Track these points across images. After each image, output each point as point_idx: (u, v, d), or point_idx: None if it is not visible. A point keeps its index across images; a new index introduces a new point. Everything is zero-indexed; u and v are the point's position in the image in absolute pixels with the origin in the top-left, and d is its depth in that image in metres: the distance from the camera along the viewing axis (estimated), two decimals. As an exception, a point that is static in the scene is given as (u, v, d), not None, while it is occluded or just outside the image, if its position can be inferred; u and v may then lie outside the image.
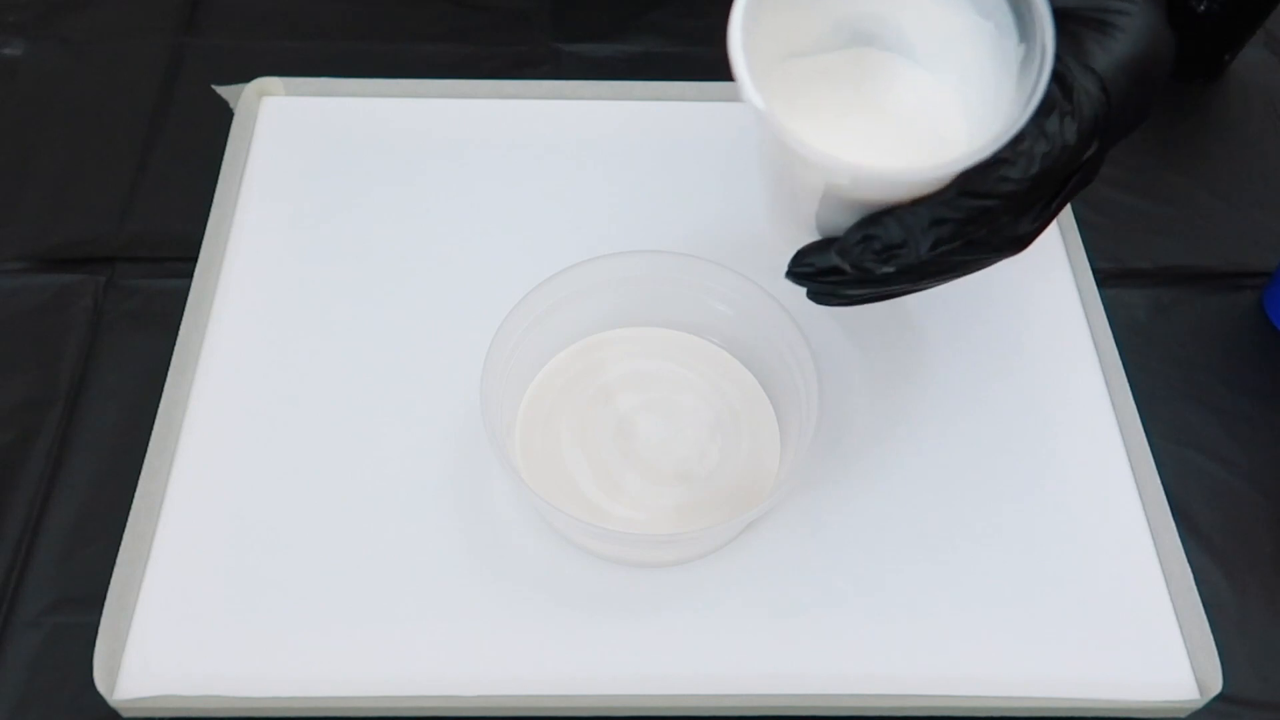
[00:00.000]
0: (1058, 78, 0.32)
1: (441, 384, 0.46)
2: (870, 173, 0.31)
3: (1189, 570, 0.43)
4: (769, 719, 0.40)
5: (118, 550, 0.41)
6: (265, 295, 0.49)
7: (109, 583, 0.40)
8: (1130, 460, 0.46)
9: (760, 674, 0.40)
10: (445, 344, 0.47)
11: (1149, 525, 0.44)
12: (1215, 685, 0.40)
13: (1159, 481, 0.45)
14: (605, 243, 0.45)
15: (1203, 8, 0.56)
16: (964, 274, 0.35)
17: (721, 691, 0.40)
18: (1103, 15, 0.33)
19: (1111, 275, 0.52)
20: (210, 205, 0.50)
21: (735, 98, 0.55)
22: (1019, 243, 0.34)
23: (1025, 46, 0.33)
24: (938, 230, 0.32)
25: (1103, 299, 0.50)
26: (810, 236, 0.36)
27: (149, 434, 0.44)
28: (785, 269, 0.36)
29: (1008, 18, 0.33)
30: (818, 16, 0.36)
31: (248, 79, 0.55)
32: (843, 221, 0.34)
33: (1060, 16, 0.32)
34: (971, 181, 0.32)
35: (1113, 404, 0.47)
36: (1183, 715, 0.41)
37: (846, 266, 0.33)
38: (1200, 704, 0.40)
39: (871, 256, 0.33)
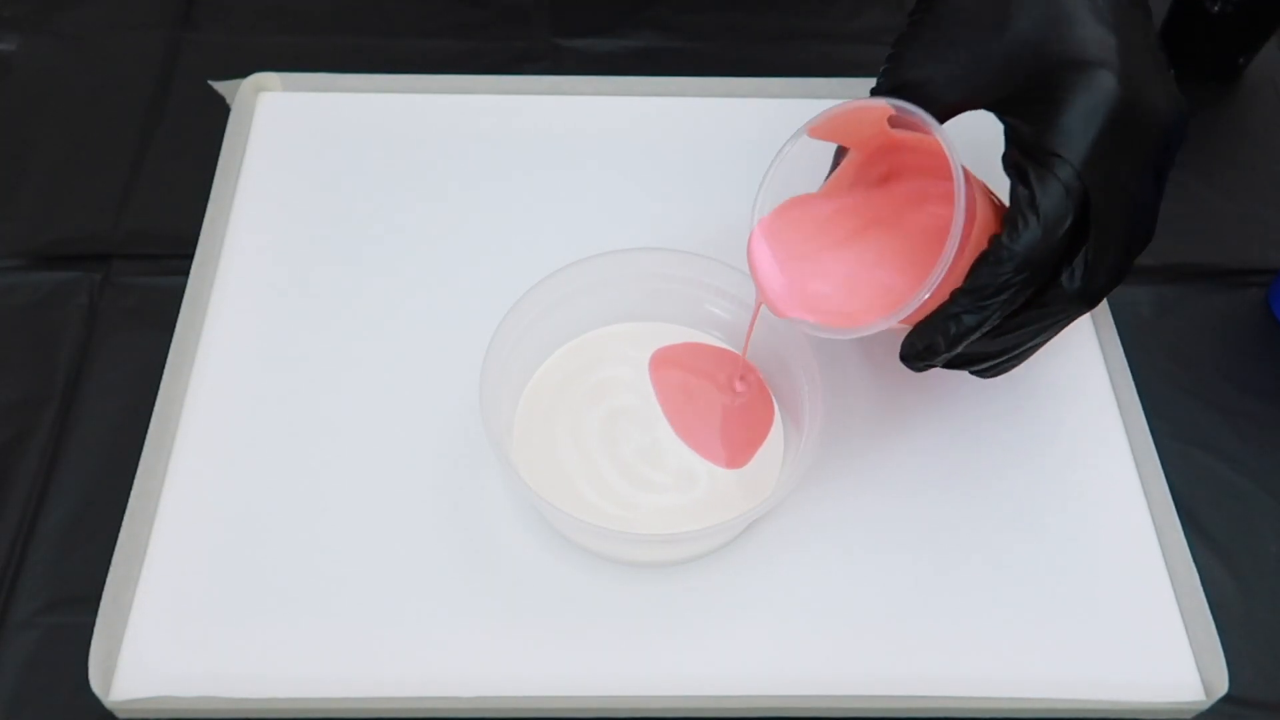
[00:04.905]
0: (1015, 169, 0.36)
1: (440, 382, 0.46)
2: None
3: (1194, 570, 0.42)
4: (770, 720, 0.40)
5: (113, 550, 0.41)
6: (262, 293, 0.48)
7: (104, 583, 0.40)
8: (1135, 459, 0.45)
9: (761, 675, 0.40)
10: (443, 341, 0.47)
11: (1154, 525, 0.44)
12: (1221, 686, 0.40)
13: (1164, 480, 0.44)
14: (605, 239, 0.45)
15: (1217, 9, 0.56)
16: (1046, 338, 0.39)
17: (722, 692, 0.39)
18: (1039, 95, 0.35)
19: (1116, 272, 0.51)
20: (207, 202, 0.50)
21: (735, 93, 0.55)
22: (1082, 297, 0.37)
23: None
24: (953, 325, 0.36)
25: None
26: None
27: (145, 432, 0.43)
28: None
29: None
30: None
31: (244, 74, 0.54)
32: None
33: (1004, 107, 0.37)
34: (968, 280, 0.36)
35: (1117, 402, 0.47)
36: (1188, 716, 0.40)
37: (910, 368, 0.38)
38: (1206, 705, 0.40)
39: (919, 363, 0.38)
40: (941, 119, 0.37)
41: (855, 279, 0.40)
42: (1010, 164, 0.36)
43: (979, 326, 0.36)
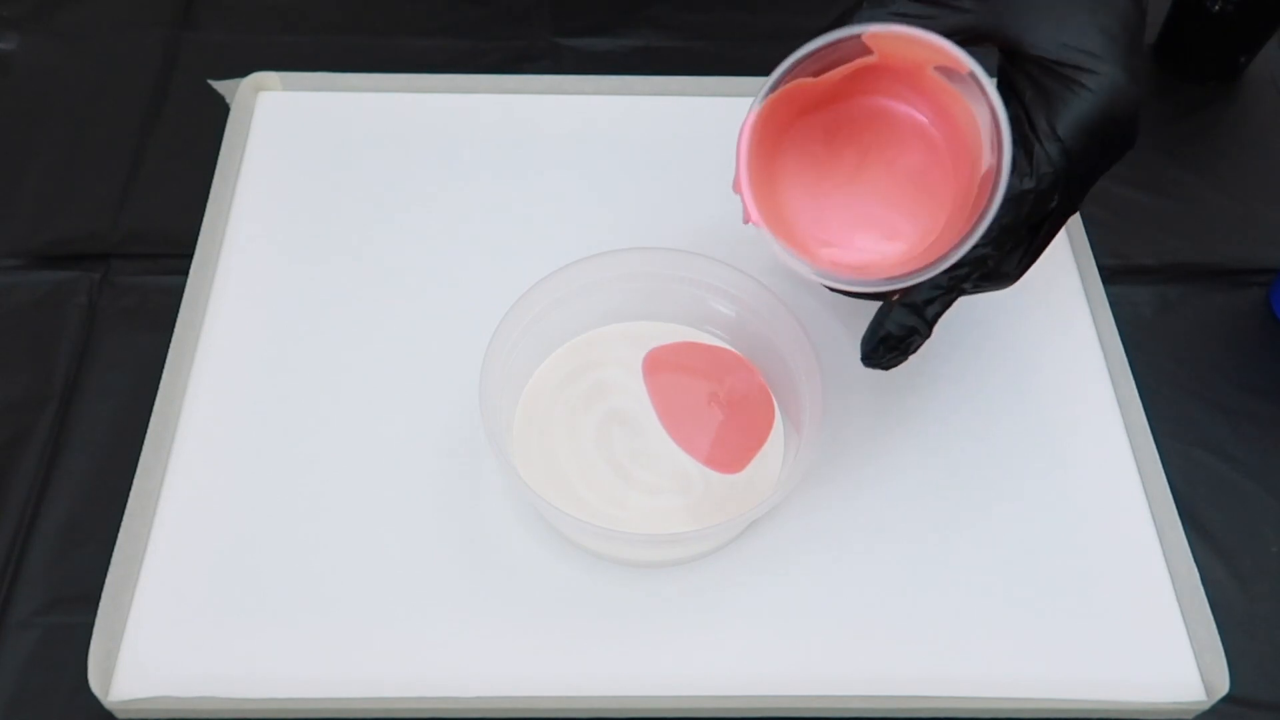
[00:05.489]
0: (1021, 139, 0.35)
1: (439, 382, 0.46)
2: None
3: (1195, 570, 0.42)
4: (770, 720, 0.40)
5: (112, 550, 0.41)
6: (261, 292, 0.48)
7: (104, 583, 0.40)
8: (1136, 458, 0.45)
9: (761, 675, 0.40)
10: (443, 341, 0.47)
11: (1155, 524, 0.44)
12: (1222, 686, 0.40)
13: (1165, 480, 0.44)
14: (605, 239, 0.45)
15: (1217, 9, 0.56)
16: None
17: (722, 693, 0.39)
18: (1073, 73, 0.35)
19: (1117, 271, 0.51)
20: (206, 201, 0.50)
21: (735, 92, 0.55)
22: (1008, 278, 0.38)
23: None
24: (932, 308, 0.36)
25: (1108, 295, 0.49)
26: None
27: (144, 432, 0.43)
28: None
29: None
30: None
31: (244, 74, 0.54)
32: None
33: (1036, 65, 0.35)
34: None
35: (1118, 401, 0.47)
36: (1189, 716, 0.40)
37: (880, 368, 0.38)
38: (1207, 705, 0.40)
39: (892, 355, 0.37)
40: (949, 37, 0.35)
41: (864, 221, 0.38)
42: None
43: (948, 305, 0.35)
